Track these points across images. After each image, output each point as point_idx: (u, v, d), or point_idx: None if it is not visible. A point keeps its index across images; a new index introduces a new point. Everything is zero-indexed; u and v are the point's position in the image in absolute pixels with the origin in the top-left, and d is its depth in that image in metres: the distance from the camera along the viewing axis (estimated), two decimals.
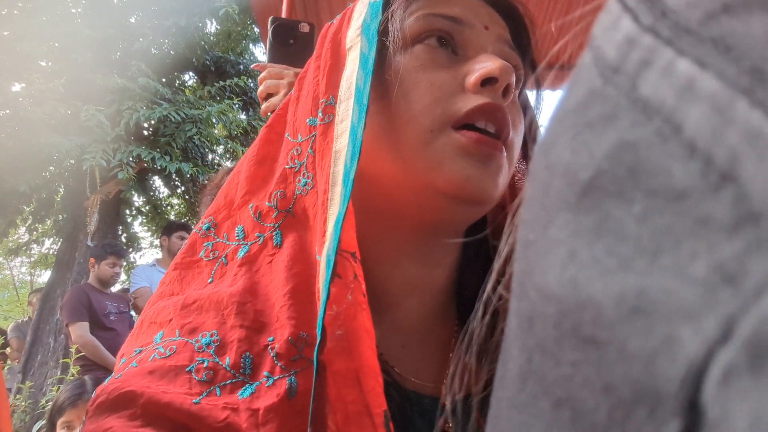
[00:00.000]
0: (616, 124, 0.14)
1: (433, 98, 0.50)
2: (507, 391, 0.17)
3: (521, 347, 0.16)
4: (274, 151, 0.58)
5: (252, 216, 0.54)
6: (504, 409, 0.17)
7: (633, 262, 0.13)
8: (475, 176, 0.48)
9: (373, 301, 0.53)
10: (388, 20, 0.55)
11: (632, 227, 0.13)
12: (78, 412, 2.18)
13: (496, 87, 0.49)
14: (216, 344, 0.47)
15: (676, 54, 0.13)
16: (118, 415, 0.43)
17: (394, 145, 0.51)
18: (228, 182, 0.58)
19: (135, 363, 0.47)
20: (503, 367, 0.18)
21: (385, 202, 0.53)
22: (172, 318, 0.50)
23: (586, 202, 0.14)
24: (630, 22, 0.15)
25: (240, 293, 0.49)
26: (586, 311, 0.13)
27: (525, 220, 0.17)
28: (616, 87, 0.15)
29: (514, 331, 0.17)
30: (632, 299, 0.12)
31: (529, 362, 0.16)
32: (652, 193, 0.13)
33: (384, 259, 0.55)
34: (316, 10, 3.29)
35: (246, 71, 7.85)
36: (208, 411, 0.42)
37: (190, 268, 0.55)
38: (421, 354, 0.55)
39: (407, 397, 0.51)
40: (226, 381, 0.45)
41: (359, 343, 0.44)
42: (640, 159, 0.13)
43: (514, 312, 0.17)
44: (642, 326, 0.12)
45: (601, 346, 0.13)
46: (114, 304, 4.03)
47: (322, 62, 0.56)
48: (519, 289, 0.17)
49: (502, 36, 0.55)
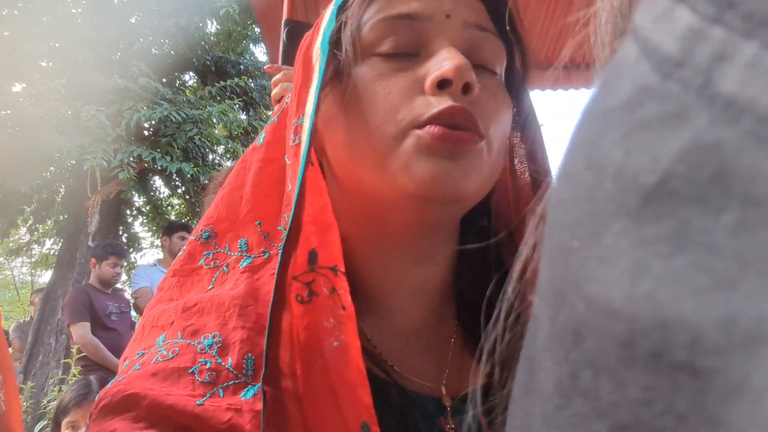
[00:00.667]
0: (688, 123, 0.13)
1: (392, 107, 0.49)
2: (540, 406, 0.16)
3: (561, 361, 0.15)
4: (277, 163, 0.58)
5: (260, 234, 0.55)
6: (537, 425, 0.16)
7: (737, 280, 0.11)
8: (441, 174, 0.47)
9: (371, 304, 0.54)
10: (341, 30, 0.53)
11: (726, 239, 0.12)
12: (84, 412, 2.18)
13: (452, 88, 0.48)
14: (218, 345, 0.47)
15: (763, 47, 0.12)
16: (122, 418, 0.43)
17: (364, 157, 0.50)
18: (229, 192, 0.58)
19: (138, 366, 0.47)
20: (530, 377, 0.17)
21: (370, 209, 0.53)
22: (173, 321, 0.50)
23: (653, 208, 0.13)
24: (688, 12, 0.14)
25: (242, 296, 0.50)
26: (676, 334, 0.12)
27: (561, 224, 0.16)
28: (681, 83, 0.14)
29: (547, 342, 0.16)
30: (748, 325, 0.11)
31: (573, 379, 0.14)
32: (751, 202, 0.12)
33: (376, 261, 0.55)
34: (316, 9, 3.29)
35: (247, 71, 7.86)
36: (211, 412, 0.43)
37: (189, 276, 0.56)
38: (421, 354, 0.55)
39: (408, 398, 0.51)
40: (228, 382, 0.46)
41: (344, 354, 0.44)
42: (726, 162, 0.12)
43: (547, 321, 0.16)
44: None
45: (703, 375, 0.12)
46: (115, 305, 4.04)
47: (295, 79, 0.56)
48: (554, 298, 0.16)
49: (469, 20, 0.52)
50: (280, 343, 0.46)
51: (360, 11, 0.52)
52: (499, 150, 0.52)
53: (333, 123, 0.53)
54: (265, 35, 3.68)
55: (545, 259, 0.17)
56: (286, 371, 0.45)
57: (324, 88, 0.53)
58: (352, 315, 0.45)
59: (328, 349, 0.44)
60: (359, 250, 0.54)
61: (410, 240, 0.54)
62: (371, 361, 0.52)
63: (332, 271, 0.47)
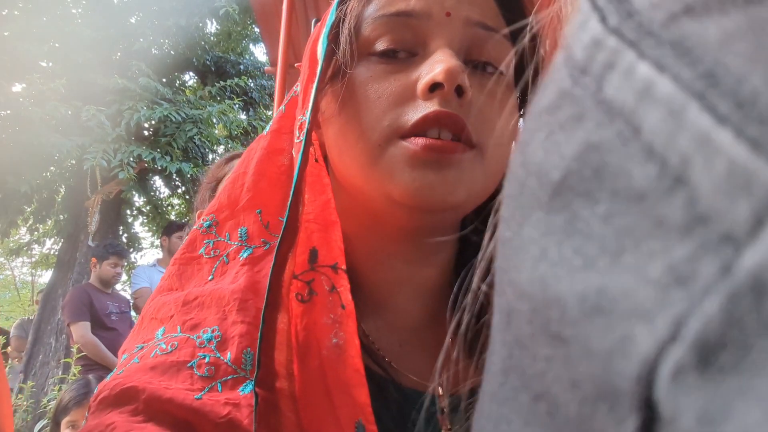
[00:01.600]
0: (584, 125, 0.14)
1: (380, 111, 0.48)
2: (490, 384, 0.17)
3: (502, 342, 0.16)
4: (283, 153, 0.58)
5: (261, 223, 0.54)
6: (486, 403, 0.17)
7: (597, 261, 0.13)
8: (425, 186, 0.46)
9: (371, 301, 0.54)
10: (340, 24, 0.52)
11: (597, 227, 0.13)
12: (83, 411, 2.15)
13: (444, 92, 0.47)
14: (217, 340, 0.48)
15: (638, 56, 0.14)
16: (120, 411, 0.43)
17: (353, 159, 0.50)
18: (232, 180, 0.58)
19: (137, 359, 0.48)
20: (489, 361, 0.18)
21: (365, 210, 0.53)
22: (173, 314, 0.50)
23: (557, 201, 0.15)
24: (597, 22, 0.15)
25: (242, 290, 0.50)
26: (553, 309, 0.14)
27: (503, 217, 0.17)
28: (583, 88, 0.15)
29: (496, 326, 0.17)
30: (594, 298, 0.13)
31: (510, 357, 0.16)
32: (615, 194, 0.13)
33: (376, 259, 0.55)
34: (316, 10, 3.30)
35: (246, 71, 7.86)
36: (210, 406, 0.43)
37: (189, 264, 0.55)
38: (419, 352, 0.55)
39: (406, 396, 0.51)
40: (227, 376, 0.46)
41: (342, 353, 0.44)
42: (604, 160, 0.14)
43: (496, 307, 0.17)
44: (602, 325, 0.12)
45: (567, 343, 0.13)
46: (115, 304, 4.04)
47: (302, 72, 0.55)
48: (498, 286, 0.17)
49: (471, 18, 0.50)
50: (275, 345, 0.46)
51: (359, 7, 0.52)
52: (499, 154, 0.51)
53: (330, 121, 0.53)
54: (265, 35, 3.68)
55: (497, 251, 0.18)
56: (281, 372, 0.45)
57: (325, 85, 0.53)
58: (352, 313, 0.45)
59: (327, 347, 0.45)
60: (360, 248, 0.54)
61: (406, 241, 0.54)
62: (370, 358, 0.52)
63: (332, 269, 0.47)
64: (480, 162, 0.49)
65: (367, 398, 0.42)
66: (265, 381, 0.44)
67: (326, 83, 0.53)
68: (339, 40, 0.52)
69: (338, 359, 0.44)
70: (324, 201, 0.49)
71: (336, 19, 0.52)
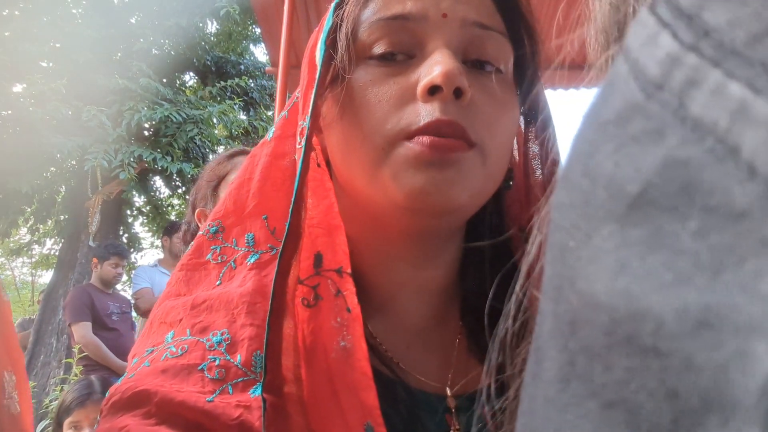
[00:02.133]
0: (665, 141, 0.15)
1: (381, 115, 0.49)
2: (544, 390, 0.17)
3: (561, 349, 0.17)
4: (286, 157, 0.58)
5: (267, 229, 0.55)
6: (540, 408, 0.17)
7: (692, 277, 0.13)
8: (430, 185, 0.47)
9: (377, 303, 0.54)
10: (337, 30, 0.52)
11: (689, 243, 0.13)
12: (86, 412, 2.16)
13: (443, 94, 0.47)
14: (227, 342, 0.48)
15: (726, 75, 0.14)
16: (132, 414, 0.44)
17: (355, 163, 0.51)
18: (237, 186, 0.58)
19: (147, 362, 0.48)
20: (537, 365, 0.18)
21: (368, 214, 0.53)
22: (182, 318, 0.51)
23: (635, 215, 0.15)
24: (670, 38, 0.15)
25: (250, 294, 0.50)
26: (643, 322, 0.14)
27: (561, 225, 0.17)
28: (660, 104, 0.15)
29: (550, 333, 0.17)
30: (697, 314, 0.13)
31: (571, 365, 0.16)
32: (709, 211, 0.13)
33: (380, 262, 0.55)
34: (317, 10, 3.30)
35: (247, 71, 7.86)
36: (221, 409, 0.44)
37: (196, 270, 0.56)
38: (426, 354, 0.55)
39: (414, 396, 0.52)
40: (237, 379, 0.46)
41: (349, 357, 0.44)
42: (693, 176, 0.14)
43: (550, 314, 0.17)
44: (710, 340, 0.13)
45: (665, 355, 0.13)
46: (116, 305, 4.04)
47: (302, 78, 0.55)
48: (555, 293, 0.17)
49: (468, 18, 0.50)
50: (282, 350, 0.46)
51: (356, 11, 0.52)
52: (499, 154, 0.51)
53: (332, 125, 0.53)
54: (266, 35, 3.68)
55: (548, 257, 0.18)
56: (289, 377, 0.46)
57: (325, 90, 0.53)
58: (358, 317, 0.45)
59: (334, 350, 0.45)
60: (364, 251, 0.54)
61: (410, 243, 0.54)
62: (377, 359, 0.52)
63: (337, 273, 0.47)
64: (480, 161, 0.49)
65: (376, 401, 0.42)
66: (273, 386, 0.44)
67: (326, 88, 0.53)
68: (337, 45, 0.52)
69: (345, 362, 0.44)
70: (327, 205, 0.50)
71: (333, 24, 0.53)
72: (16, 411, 0.37)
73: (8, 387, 0.36)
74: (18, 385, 0.37)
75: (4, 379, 0.36)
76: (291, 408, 0.44)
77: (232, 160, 1.49)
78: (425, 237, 0.53)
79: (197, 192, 1.50)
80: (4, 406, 0.35)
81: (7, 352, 0.37)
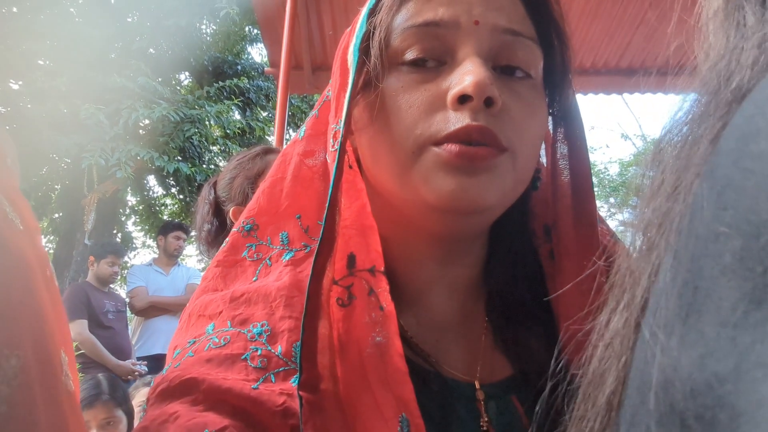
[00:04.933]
0: None
1: (412, 121, 0.50)
2: (716, 319, 0.19)
3: (748, 278, 0.18)
4: (316, 155, 0.60)
5: (300, 228, 0.57)
6: (715, 336, 0.19)
7: None
8: (459, 190, 0.48)
9: (409, 299, 0.56)
10: (370, 36, 0.53)
11: None
12: (95, 412, 2.14)
13: (473, 103, 0.48)
14: (267, 334, 0.50)
15: None
16: (181, 401, 0.45)
17: (387, 166, 0.52)
18: (270, 185, 0.60)
19: (191, 353, 0.50)
20: (697, 304, 0.20)
21: (399, 214, 0.55)
22: (221, 310, 0.53)
23: None
24: None
25: (287, 287, 0.52)
26: None
27: (766, 170, 0.19)
28: None
29: (728, 268, 0.19)
30: None
31: (766, 287, 0.18)
32: None
33: (410, 260, 0.57)
34: (317, 11, 3.31)
35: (244, 72, 7.86)
36: (267, 396, 0.45)
37: (233, 267, 0.58)
38: (455, 348, 0.57)
39: (447, 385, 0.54)
40: (279, 368, 0.48)
41: (384, 354, 0.46)
42: None
43: (729, 252, 0.19)
44: None
45: None
46: (112, 303, 4.02)
47: (334, 81, 0.56)
48: (749, 227, 0.19)
49: (499, 24, 0.50)
50: (317, 349, 0.47)
51: (389, 18, 0.52)
52: (528, 157, 0.52)
53: (364, 129, 0.54)
54: (266, 36, 3.68)
55: (729, 206, 0.20)
56: (325, 374, 0.47)
57: (357, 94, 0.54)
58: (392, 314, 0.47)
59: (369, 346, 0.46)
60: (395, 249, 0.56)
61: (439, 242, 0.56)
62: (411, 351, 0.54)
63: (370, 273, 0.49)
64: (511, 165, 0.50)
65: (412, 394, 0.44)
66: (309, 384, 0.45)
67: (358, 92, 0.54)
68: (369, 52, 0.53)
69: (380, 358, 0.46)
70: (360, 206, 0.51)
71: (366, 32, 0.54)
72: (71, 389, 0.39)
73: (65, 366, 0.38)
74: (69, 364, 0.39)
75: (61, 358, 0.38)
76: (327, 404, 0.45)
77: (265, 157, 1.49)
78: (453, 236, 0.55)
79: (227, 189, 1.49)
80: (62, 383, 0.37)
81: (61, 332, 0.39)
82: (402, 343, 0.46)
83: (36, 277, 0.36)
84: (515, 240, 0.60)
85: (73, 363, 0.41)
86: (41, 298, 0.36)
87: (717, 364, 0.18)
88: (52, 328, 0.36)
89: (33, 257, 0.37)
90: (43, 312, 0.36)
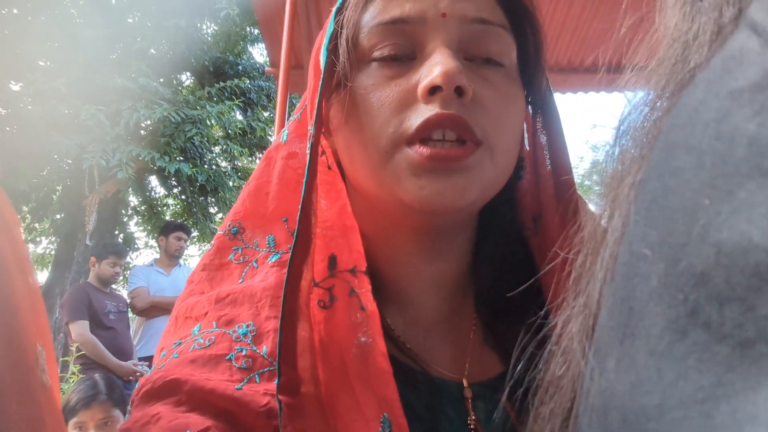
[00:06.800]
0: None
1: (384, 118, 0.49)
2: (646, 346, 0.18)
3: (674, 304, 0.18)
4: (299, 158, 0.60)
5: (287, 231, 0.57)
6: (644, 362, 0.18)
7: None
8: (432, 193, 0.47)
9: (394, 296, 0.56)
10: (338, 36, 0.53)
11: None
12: (92, 413, 2.15)
13: (444, 94, 0.47)
14: (252, 334, 0.50)
15: None
16: (164, 402, 0.45)
17: (362, 166, 0.52)
18: (255, 188, 0.60)
19: (176, 354, 0.49)
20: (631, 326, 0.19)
21: (379, 212, 0.55)
22: (207, 311, 0.52)
23: None
24: None
25: (273, 288, 0.52)
26: None
27: (683, 189, 0.19)
28: None
29: (655, 292, 0.18)
30: None
31: (692, 315, 0.17)
32: None
33: (393, 257, 0.56)
34: (317, 11, 3.31)
35: (245, 72, 7.87)
36: (250, 396, 0.45)
37: (219, 270, 0.58)
38: (443, 345, 0.56)
39: (435, 384, 0.53)
40: (263, 369, 0.48)
41: (366, 355, 0.46)
42: None
43: (661, 274, 0.18)
44: None
45: None
46: (113, 304, 4.02)
47: (308, 84, 0.56)
48: (671, 252, 0.18)
49: (468, 15, 0.50)
50: (297, 353, 0.46)
51: (356, 15, 0.52)
52: (507, 148, 0.52)
53: (339, 130, 0.54)
54: (266, 36, 3.69)
55: (658, 223, 0.19)
56: (306, 377, 0.46)
57: (331, 95, 0.54)
58: (374, 314, 0.46)
59: (353, 346, 0.46)
60: (379, 247, 0.56)
61: (421, 238, 0.55)
62: (397, 349, 0.54)
63: (351, 273, 0.48)
64: (488, 158, 0.49)
65: (396, 394, 0.44)
66: (288, 387, 0.45)
67: (332, 93, 0.54)
68: (339, 51, 0.52)
69: (363, 359, 0.46)
70: (340, 206, 0.51)
71: (334, 31, 0.53)
72: (48, 383, 0.38)
73: (41, 360, 0.38)
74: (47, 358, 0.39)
75: (37, 352, 0.38)
76: (308, 407, 0.45)
77: None
78: (435, 231, 0.54)
79: None
80: (37, 377, 0.37)
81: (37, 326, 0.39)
82: (389, 343, 0.46)
83: (10, 269, 0.36)
84: (503, 233, 0.59)
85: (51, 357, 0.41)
86: (14, 290, 0.36)
87: (644, 397, 0.18)
88: (27, 321, 0.36)
89: (8, 249, 0.36)
90: (16, 304, 0.35)
